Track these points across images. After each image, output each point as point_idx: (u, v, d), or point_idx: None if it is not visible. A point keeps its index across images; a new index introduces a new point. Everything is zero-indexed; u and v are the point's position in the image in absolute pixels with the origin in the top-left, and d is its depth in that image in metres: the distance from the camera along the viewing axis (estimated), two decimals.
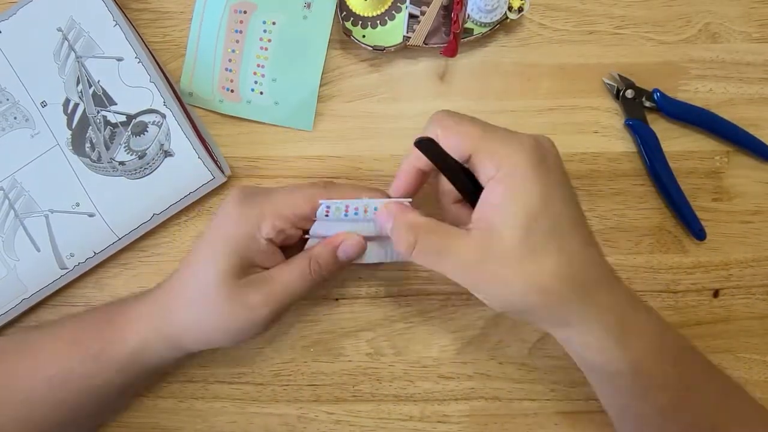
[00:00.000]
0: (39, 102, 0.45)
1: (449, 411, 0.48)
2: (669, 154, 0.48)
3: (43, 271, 0.46)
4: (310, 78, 0.47)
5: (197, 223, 0.48)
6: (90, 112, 0.45)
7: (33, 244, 0.45)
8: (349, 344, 0.48)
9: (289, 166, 0.48)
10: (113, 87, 0.45)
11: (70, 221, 0.45)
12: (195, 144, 0.45)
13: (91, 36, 0.45)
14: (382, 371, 0.48)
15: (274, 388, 0.48)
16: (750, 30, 0.48)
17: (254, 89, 0.47)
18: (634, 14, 0.48)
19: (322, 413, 0.48)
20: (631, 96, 0.48)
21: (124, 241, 0.46)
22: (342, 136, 0.48)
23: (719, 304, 0.49)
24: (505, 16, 0.46)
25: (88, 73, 0.45)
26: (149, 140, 0.45)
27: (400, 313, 0.48)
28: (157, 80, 0.45)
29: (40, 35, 0.45)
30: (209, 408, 0.48)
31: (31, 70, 0.46)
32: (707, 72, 0.48)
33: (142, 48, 0.45)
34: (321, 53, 0.47)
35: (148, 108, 0.45)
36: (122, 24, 0.45)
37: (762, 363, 0.49)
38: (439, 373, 0.48)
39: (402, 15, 0.47)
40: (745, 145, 0.48)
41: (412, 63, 0.48)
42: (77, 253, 0.46)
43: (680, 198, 0.47)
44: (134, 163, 0.45)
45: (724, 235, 0.49)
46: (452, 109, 0.48)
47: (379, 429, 0.48)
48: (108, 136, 0.45)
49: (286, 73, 0.47)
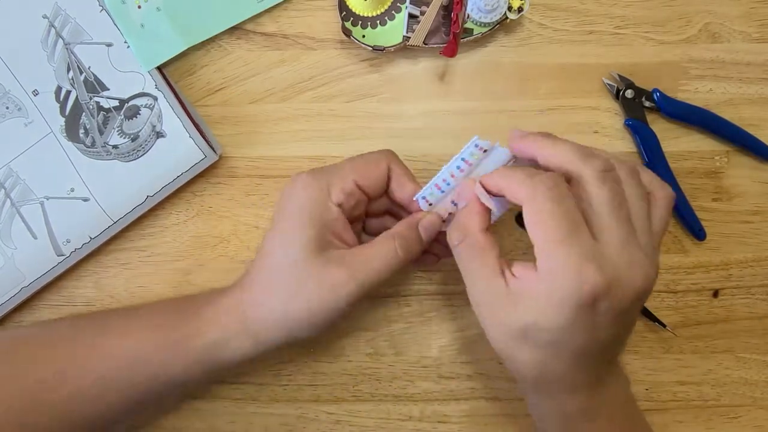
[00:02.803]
0: (31, 91, 0.46)
1: (449, 411, 0.48)
2: (669, 154, 0.48)
3: (40, 258, 0.46)
4: (186, 34, 0.47)
5: (197, 223, 0.48)
6: (82, 99, 0.46)
7: (30, 231, 0.46)
8: (349, 344, 0.48)
9: (289, 166, 0.48)
10: (104, 73, 0.46)
11: (65, 207, 0.46)
12: (186, 124, 0.45)
13: (78, 22, 0.45)
14: (382, 371, 0.48)
15: (273, 388, 0.48)
16: (750, 30, 0.48)
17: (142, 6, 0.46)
18: (634, 14, 0.48)
19: (322, 413, 0.48)
20: (631, 96, 0.48)
21: (120, 224, 0.46)
22: (342, 136, 0.48)
23: (719, 304, 0.49)
24: (505, 16, 0.46)
25: (78, 59, 0.45)
26: (141, 123, 0.45)
27: (400, 313, 0.48)
28: None
29: (25, 23, 0.45)
30: (209, 408, 0.48)
31: (19, 59, 0.46)
32: (707, 72, 0.48)
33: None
34: (215, 28, 0.47)
35: (140, 92, 0.46)
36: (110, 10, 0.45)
37: (762, 363, 0.49)
38: (439, 373, 0.48)
39: (402, 15, 0.47)
40: (745, 145, 0.48)
41: (412, 63, 0.48)
42: (73, 238, 0.46)
43: (680, 198, 0.47)
44: (127, 146, 0.46)
45: (724, 235, 0.49)
46: (452, 109, 0.48)
47: (379, 429, 0.48)
48: (101, 121, 0.45)
49: (175, 13, 0.46)
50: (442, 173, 0.40)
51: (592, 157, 0.35)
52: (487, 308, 0.36)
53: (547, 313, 0.33)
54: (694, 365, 0.49)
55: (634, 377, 0.48)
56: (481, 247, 0.36)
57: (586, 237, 0.34)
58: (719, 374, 0.49)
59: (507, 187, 0.36)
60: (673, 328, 0.48)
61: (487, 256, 0.36)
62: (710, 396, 0.49)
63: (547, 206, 0.33)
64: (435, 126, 0.48)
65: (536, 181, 0.34)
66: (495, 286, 0.35)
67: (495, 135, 0.48)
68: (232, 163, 0.48)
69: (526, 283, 0.34)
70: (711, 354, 0.49)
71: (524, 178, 0.35)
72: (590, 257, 0.33)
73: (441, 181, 0.40)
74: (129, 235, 0.48)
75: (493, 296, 0.35)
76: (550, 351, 0.35)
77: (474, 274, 0.37)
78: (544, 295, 0.34)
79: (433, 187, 0.40)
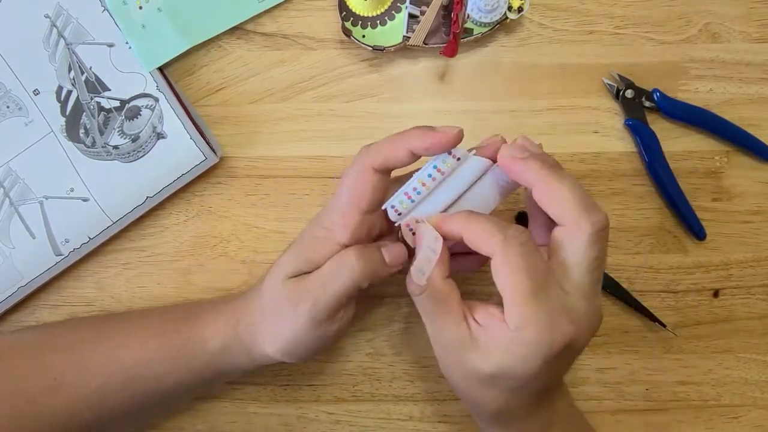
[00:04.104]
0: (31, 90, 0.46)
1: (449, 411, 0.48)
2: (669, 154, 0.48)
3: (38, 258, 0.46)
4: (190, 34, 0.47)
5: (197, 223, 0.48)
6: (83, 99, 0.46)
7: (28, 231, 0.46)
8: (349, 344, 0.48)
9: (289, 166, 0.48)
10: (106, 73, 0.46)
11: (64, 207, 0.46)
12: (187, 125, 0.45)
13: (80, 22, 0.45)
14: (382, 371, 0.48)
15: (274, 388, 0.48)
16: (750, 30, 0.48)
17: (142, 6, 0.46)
18: (634, 14, 0.48)
19: (322, 413, 0.48)
20: (631, 96, 0.48)
21: (119, 225, 0.46)
22: (342, 136, 0.48)
23: (719, 304, 0.49)
24: (505, 16, 0.46)
25: (80, 59, 0.45)
26: (142, 123, 0.46)
27: (400, 313, 0.48)
28: None
29: (27, 23, 0.45)
30: (209, 408, 0.48)
31: (21, 58, 0.46)
32: (707, 72, 0.48)
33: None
34: (216, 28, 0.47)
35: (141, 92, 0.46)
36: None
37: (762, 363, 0.49)
38: (439, 373, 0.48)
39: (402, 15, 0.47)
40: (745, 145, 0.48)
41: (411, 63, 0.48)
42: (72, 238, 0.46)
43: (680, 198, 0.47)
44: (127, 147, 0.46)
45: (724, 235, 0.49)
46: (452, 109, 0.48)
47: (379, 429, 0.48)
48: (102, 122, 0.46)
49: (176, 14, 0.46)
50: (412, 181, 0.37)
51: (594, 212, 0.34)
52: (451, 353, 0.36)
53: (516, 363, 0.33)
54: (694, 365, 0.49)
55: (634, 377, 0.48)
56: (444, 297, 0.36)
57: (556, 290, 0.34)
58: (719, 374, 0.49)
59: (474, 239, 0.35)
60: (673, 328, 0.48)
61: (449, 304, 0.36)
62: (710, 396, 0.49)
63: (519, 262, 0.33)
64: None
65: (509, 236, 0.34)
66: (459, 333, 0.35)
67: (495, 135, 0.48)
68: (232, 164, 0.48)
69: (492, 333, 0.34)
70: (711, 354, 0.49)
71: (494, 231, 0.34)
72: (562, 311, 0.33)
73: (411, 190, 0.37)
74: (129, 235, 0.48)
75: (458, 343, 0.35)
76: (515, 393, 0.36)
77: (437, 322, 0.36)
78: (514, 346, 0.33)
79: (403, 195, 0.37)
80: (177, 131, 0.46)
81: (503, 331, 0.34)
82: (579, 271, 0.34)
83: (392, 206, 0.38)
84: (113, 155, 0.46)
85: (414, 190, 0.37)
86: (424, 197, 0.38)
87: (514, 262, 0.33)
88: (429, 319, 0.37)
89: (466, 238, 0.35)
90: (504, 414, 0.37)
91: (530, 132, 0.48)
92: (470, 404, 0.38)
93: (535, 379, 0.34)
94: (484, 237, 0.34)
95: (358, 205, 0.38)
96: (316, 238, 0.39)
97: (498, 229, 0.34)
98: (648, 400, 0.48)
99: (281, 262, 0.40)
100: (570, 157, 0.48)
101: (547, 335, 0.33)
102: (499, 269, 0.33)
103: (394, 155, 0.37)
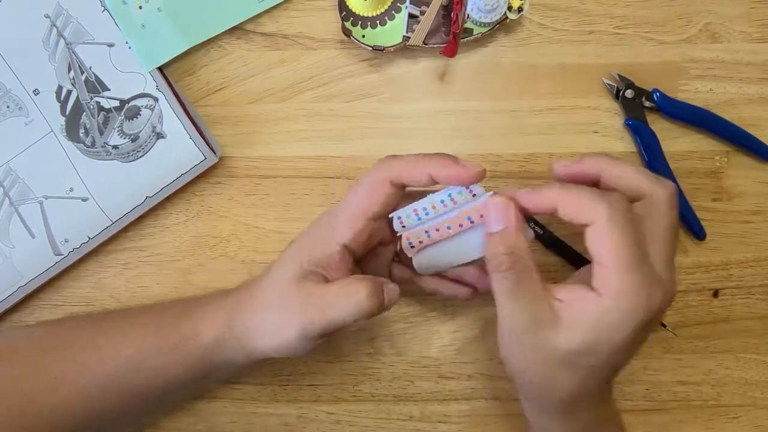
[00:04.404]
0: (31, 90, 0.46)
1: (449, 411, 0.48)
2: (669, 154, 0.48)
3: (38, 258, 0.46)
4: (190, 34, 0.46)
5: (197, 223, 0.48)
6: (83, 99, 0.46)
7: (28, 231, 0.46)
8: (349, 344, 0.48)
9: (289, 166, 0.48)
10: (105, 73, 0.46)
11: (64, 207, 0.46)
12: (187, 125, 0.45)
13: (79, 22, 0.45)
14: (382, 371, 0.48)
15: (273, 388, 0.48)
16: (750, 30, 0.48)
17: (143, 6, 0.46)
18: (634, 14, 0.48)
19: (322, 413, 0.48)
20: (631, 96, 0.48)
21: (118, 225, 0.46)
22: (342, 136, 0.48)
23: (719, 304, 0.49)
24: (505, 16, 0.46)
25: (80, 59, 0.46)
26: (142, 123, 0.46)
27: (400, 313, 0.48)
28: None
29: (27, 23, 0.45)
30: (209, 408, 0.48)
31: (21, 58, 0.46)
32: (707, 72, 0.48)
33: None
34: (216, 28, 0.47)
35: (140, 92, 0.46)
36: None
37: (762, 363, 0.49)
38: (439, 373, 0.48)
39: (402, 15, 0.47)
40: (745, 145, 0.48)
41: (411, 63, 0.48)
42: (72, 238, 0.46)
43: (680, 198, 0.47)
44: (127, 146, 0.46)
45: (724, 235, 0.49)
46: (452, 109, 0.48)
47: (379, 429, 0.48)
48: (102, 122, 0.46)
49: (176, 14, 0.46)
50: (424, 201, 0.38)
51: (664, 181, 0.36)
52: (524, 335, 0.35)
53: (604, 335, 0.33)
54: (694, 365, 0.49)
55: (634, 377, 0.48)
56: (530, 269, 0.35)
57: (650, 259, 0.34)
58: (719, 374, 0.49)
59: (572, 207, 0.34)
60: (673, 328, 0.48)
61: (532, 280, 0.35)
62: (710, 396, 0.49)
63: (625, 227, 0.33)
64: (435, 126, 0.48)
65: (612, 201, 0.34)
66: (541, 311, 0.34)
67: (495, 135, 0.48)
68: (232, 163, 0.48)
69: (579, 307, 0.34)
70: (711, 354, 0.49)
71: (596, 195, 0.34)
72: (655, 279, 0.34)
73: (421, 209, 0.38)
74: (129, 235, 0.48)
75: (536, 322, 0.34)
76: (593, 372, 0.35)
77: (517, 300, 0.35)
78: (606, 316, 0.33)
79: (412, 211, 0.38)
80: (177, 131, 0.46)
81: (592, 304, 0.33)
82: (663, 239, 0.35)
83: (398, 217, 0.39)
84: (113, 155, 0.46)
85: (423, 209, 0.38)
86: (430, 219, 0.38)
87: (619, 228, 0.33)
88: (508, 296, 0.35)
89: (562, 207, 0.35)
90: (571, 401, 0.36)
91: (530, 132, 0.48)
92: (536, 392, 0.37)
93: (619, 352, 0.34)
94: (585, 204, 0.34)
95: (367, 212, 0.38)
96: (318, 236, 0.39)
97: (599, 195, 0.34)
98: (648, 400, 0.48)
99: (283, 261, 0.40)
100: (570, 157, 0.48)
101: (644, 301, 0.33)
102: (602, 236, 0.33)
103: (413, 175, 0.37)
